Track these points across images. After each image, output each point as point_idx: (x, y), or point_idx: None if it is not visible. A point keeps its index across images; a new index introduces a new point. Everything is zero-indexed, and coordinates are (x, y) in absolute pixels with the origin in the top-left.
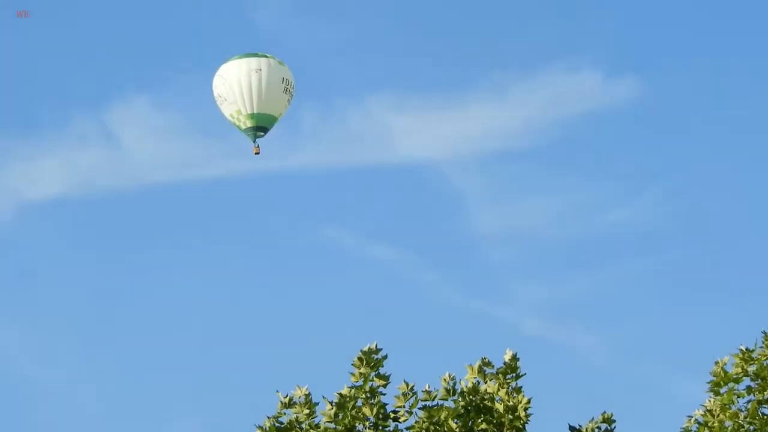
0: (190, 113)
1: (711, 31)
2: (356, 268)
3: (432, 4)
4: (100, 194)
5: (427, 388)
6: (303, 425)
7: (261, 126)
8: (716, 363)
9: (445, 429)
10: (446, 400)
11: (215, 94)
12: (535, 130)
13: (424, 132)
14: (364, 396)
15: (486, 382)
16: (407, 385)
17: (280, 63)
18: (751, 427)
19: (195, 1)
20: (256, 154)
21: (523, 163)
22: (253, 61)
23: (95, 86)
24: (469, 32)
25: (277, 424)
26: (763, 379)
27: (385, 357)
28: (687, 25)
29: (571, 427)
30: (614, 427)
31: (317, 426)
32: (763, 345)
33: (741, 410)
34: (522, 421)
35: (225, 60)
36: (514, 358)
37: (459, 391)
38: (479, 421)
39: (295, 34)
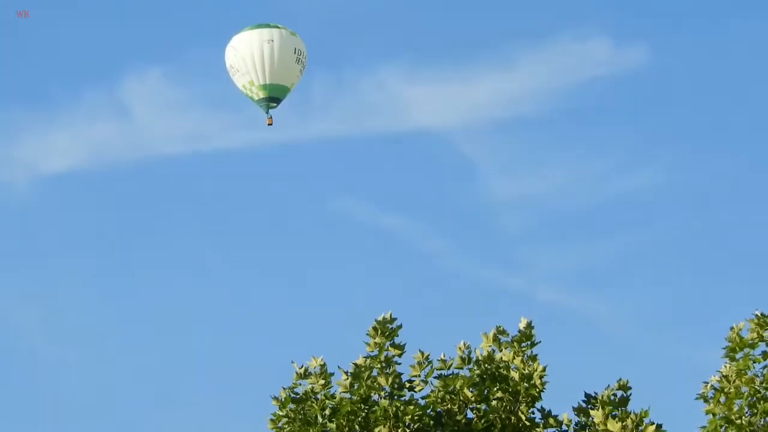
0: (202, 85)
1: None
2: (369, 238)
3: None
4: (112, 167)
5: (442, 356)
6: (318, 395)
7: (273, 97)
8: (731, 328)
9: (461, 397)
10: (461, 368)
11: (227, 65)
12: (545, 99)
13: (435, 101)
14: (379, 366)
15: (501, 351)
16: (422, 354)
17: (292, 33)
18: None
19: None
20: (268, 125)
21: (533, 131)
22: (265, 32)
23: (107, 59)
24: (478, 2)
25: (292, 395)
26: None
27: (400, 326)
28: None
29: (587, 395)
30: (630, 395)
31: (333, 396)
32: None
33: (757, 375)
34: (537, 389)
35: (237, 31)
36: (529, 326)
37: (474, 359)
38: (495, 389)
39: (307, 5)
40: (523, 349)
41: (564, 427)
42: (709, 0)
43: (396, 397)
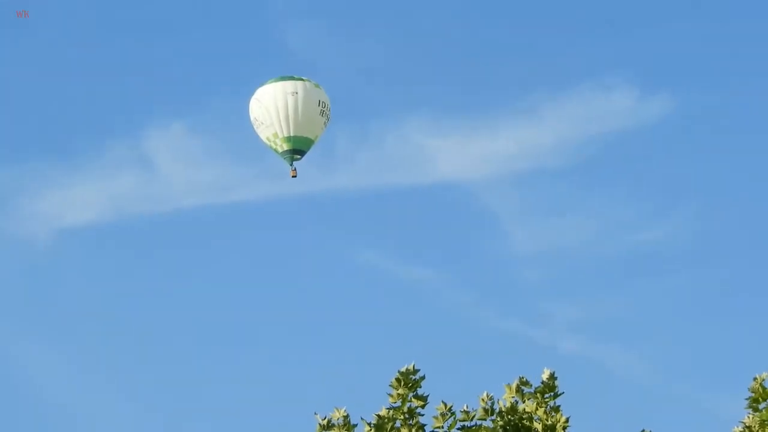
0: (225, 137)
1: (744, 50)
2: (392, 290)
3: (465, 26)
4: (135, 220)
5: (465, 408)
6: None
7: (298, 149)
8: (755, 379)
9: None
10: (485, 420)
11: (251, 117)
12: (568, 149)
13: (457, 153)
14: (402, 417)
15: (524, 402)
16: (445, 405)
17: (316, 85)
18: None
19: (227, 25)
20: (293, 177)
21: (557, 182)
22: (289, 84)
23: (130, 112)
24: (501, 52)
25: None
26: None
27: (423, 378)
28: (720, 44)
29: None
30: None
31: None
32: None
33: None
34: None
35: (261, 83)
36: (552, 377)
37: (497, 410)
38: None
39: (329, 56)
40: (546, 400)
41: None
42: (734, 53)
43: None
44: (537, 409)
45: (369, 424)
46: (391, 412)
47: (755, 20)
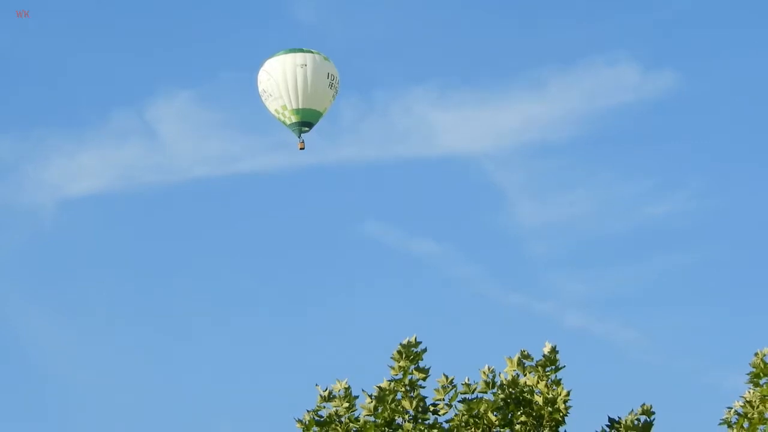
0: (231, 109)
1: (749, 24)
2: (397, 262)
3: (470, 1)
4: (140, 189)
5: (466, 380)
6: (342, 418)
7: (306, 121)
8: (756, 354)
9: (485, 422)
10: (485, 392)
11: (260, 89)
12: (574, 123)
13: (464, 126)
14: (403, 389)
15: (525, 375)
16: (446, 378)
17: (326, 58)
18: None
19: None
20: (301, 149)
21: (563, 156)
22: (299, 57)
23: (137, 82)
24: (508, 26)
25: (316, 418)
26: None
27: (425, 350)
28: (726, 19)
29: (611, 420)
30: (654, 420)
31: (357, 419)
32: None
33: None
34: (561, 414)
35: (270, 56)
36: (554, 350)
37: (498, 383)
38: (518, 413)
39: (336, 28)
40: (548, 373)
41: None
42: (738, 27)
43: (420, 421)
44: (538, 382)
45: (370, 395)
46: (393, 384)
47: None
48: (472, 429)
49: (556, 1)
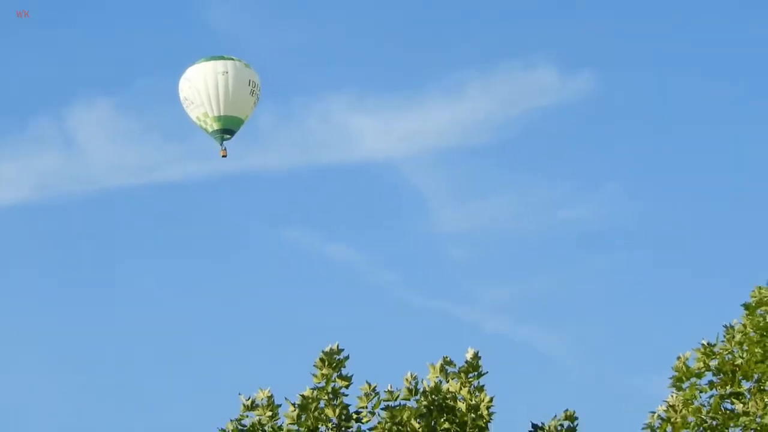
0: (150, 116)
1: (664, 27)
2: (316, 269)
3: (388, 5)
4: (58, 198)
5: (389, 388)
6: (266, 427)
7: (228, 128)
8: (678, 358)
9: (408, 429)
10: (408, 400)
11: (181, 97)
12: (493, 128)
13: (382, 132)
14: (326, 397)
15: (448, 382)
16: (369, 385)
17: (246, 65)
18: (714, 422)
19: (150, 4)
20: (223, 156)
21: (482, 160)
22: (219, 64)
23: (54, 89)
24: (425, 32)
25: (240, 427)
26: (724, 373)
27: (347, 358)
28: (640, 20)
29: (534, 425)
30: (577, 425)
31: (280, 428)
32: (725, 339)
33: (704, 405)
34: (485, 420)
35: (191, 63)
36: (476, 356)
37: (421, 390)
38: (442, 420)
39: (252, 35)
40: (470, 379)
41: None
42: (652, 26)
43: (343, 429)
44: (461, 388)
45: (293, 404)
46: (315, 392)
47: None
48: None
49: (473, 6)
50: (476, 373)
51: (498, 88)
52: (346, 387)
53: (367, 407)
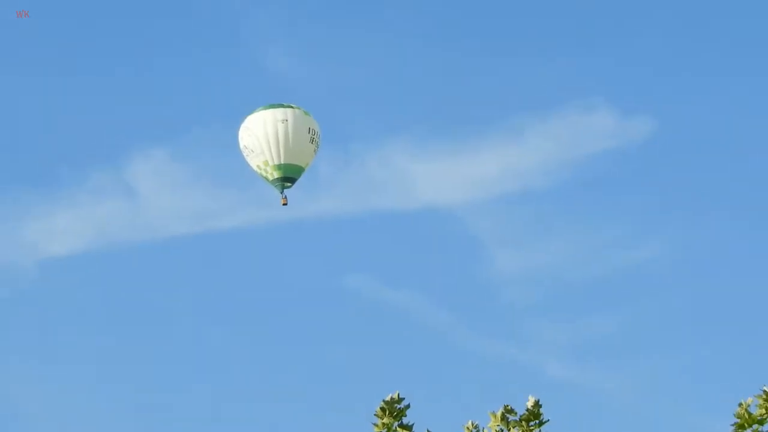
0: (208, 164)
1: (724, 71)
2: (377, 316)
3: (446, 48)
4: (118, 247)
5: None
6: None
7: (288, 176)
8: (740, 404)
9: None
10: None
11: (241, 145)
12: (552, 171)
13: (441, 176)
14: None
15: (509, 430)
16: None
17: (306, 113)
18: None
19: (207, 51)
20: (283, 204)
21: (541, 204)
22: (279, 112)
23: (112, 140)
24: (484, 76)
25: None
26: None
27: (408, 406)
28: (700, 66)
29: None
30: None
31: None
32: None
33: None
34: None
35: (250, 111)
36: (537, 404)
37: None
38: None
39: (309, 80)
40: (532, 428)
41: None
42: (712, 69)
43: None
44: None
45: None
46: None
47: (732, 44)
48: None
49: (530, 48)
50: (537, 421)
51: (557, 132)
52: None
53: None
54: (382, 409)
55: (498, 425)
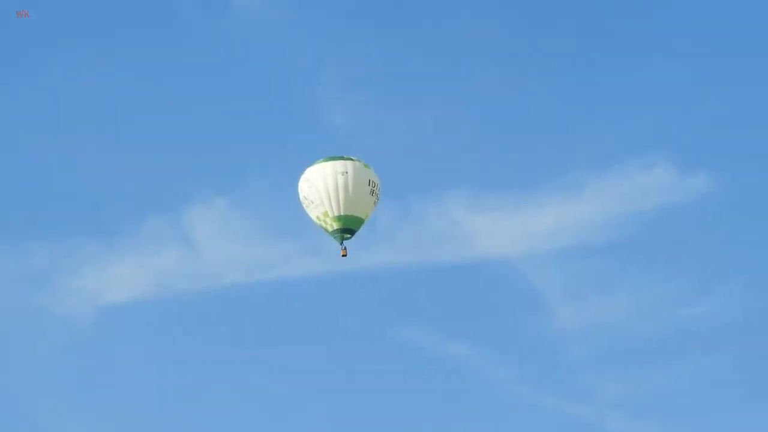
0: (267, 214)
1: None
2: (434, 368)
3: (507, 100)
4: (178, 297)
5: None
6: None
7: (348, 228)
8: None
9: None
10: None
11: (301, 197)
12: (611, 226)
13: (500, 229)
14: None
15: None
16: None
17: (366, 166)
18: None
19: (266, 101)
20: (343, 256)
21: (600, 258)
22: (339, 164)
23: (169, 190)
24: (542, 130)
25: None
26: None
27: None
28: (760, 123)
29: None
30: None
31: None
32: None
33: None
34: None
35: (311, 163)
36: None
37: None
38: None
39: (366, 133)
40: None
41: None
42: None
43: None
44: None
45: None
46: None
47: None
48: None
49: (589, 103)
50: None
51: (616, 187)
52: None
53: None
54: None
55: None
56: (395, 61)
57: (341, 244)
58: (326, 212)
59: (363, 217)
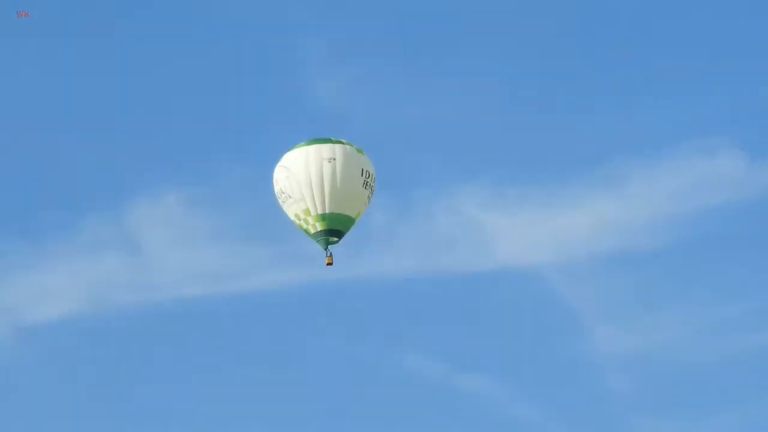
0: (235, 213)
1: None
2: (443, 403)
3: (522, 82)
4: (118, 314)
5: None
6: None
7: (334, 229)
8: None
9: None
10: None
11: (276, 189)
12: (660, 228)
13: (524, 231)
14: None
15: None
16: None
17: (358, 150)
18: None
19: (237, 72)
20: (328, 264)
21: (645, 269)
22: (325, 149)
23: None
24: (576, 110)
25: None
26: None
27: None
28: None
29: None
30: None
31: None
32: None
33: None
34: None
35: (289, 147)
36: None
37: None
38: None
39: (363, 113)
40: None
41: None
42: None
43: None
44: None
45: None
46: None
47: None
48: None
49: (635, 80)
50: None
51: (666, 179)
52: None
53: None
54: None
55: None
56: (397, 21)
57: (326, 249)
58: (307, 210)
59: (353, 216)
